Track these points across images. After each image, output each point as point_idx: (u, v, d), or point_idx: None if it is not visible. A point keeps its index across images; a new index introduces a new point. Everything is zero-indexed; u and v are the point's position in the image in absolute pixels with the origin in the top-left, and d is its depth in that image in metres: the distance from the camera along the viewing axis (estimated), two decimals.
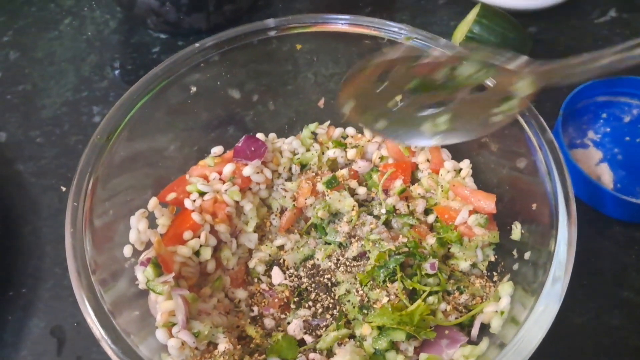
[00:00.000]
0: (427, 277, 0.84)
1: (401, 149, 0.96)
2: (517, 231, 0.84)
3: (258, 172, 0.92)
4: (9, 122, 1.17)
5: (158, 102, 0.88)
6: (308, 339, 0.84)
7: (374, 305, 0.82)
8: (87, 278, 0.71)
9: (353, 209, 0.91)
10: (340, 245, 0.90)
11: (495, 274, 0.87)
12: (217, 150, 0.95)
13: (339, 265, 0.88)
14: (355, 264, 0.88)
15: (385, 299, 0.81)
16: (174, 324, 0.77)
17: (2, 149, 1.13)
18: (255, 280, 0.91)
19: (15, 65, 1.25)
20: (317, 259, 0.90)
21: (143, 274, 0.79)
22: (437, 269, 0.84)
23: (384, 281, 0.83)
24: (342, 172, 0.95)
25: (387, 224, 0.93)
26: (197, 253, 0.86)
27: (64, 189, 1.08)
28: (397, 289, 0.82)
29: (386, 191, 0.95)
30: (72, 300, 0.95)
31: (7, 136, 1.15)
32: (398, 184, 0.94)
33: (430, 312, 0.81)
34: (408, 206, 0.94)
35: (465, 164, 0.94)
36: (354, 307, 0.84)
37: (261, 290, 0.89)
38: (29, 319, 0.96)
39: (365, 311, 0.82)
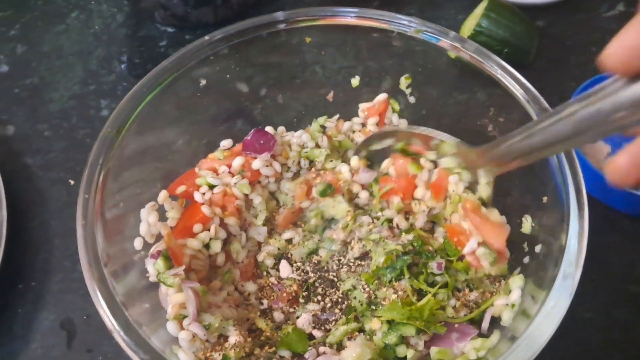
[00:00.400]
0: (433, 275, 0.84)
1: (409, 168, 0.93)
2: (527, 224, 0.84)
3: (267, 166, 0.92)
4: (17, 115, 1.17)
5: (167, 95, 0.88)
6: (317, 333, 0.84)
7: (383, 302, 0.82)
8: (98, 270, 0.71)
9: (347, 214, 0.91)
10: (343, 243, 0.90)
11: None
12: (226, 143, 0.95)
13: (341, 265, 0.88)
14: (359, 263, 0.88)
15: (393, 296, 0.81)
16: (184, 317, 0.77)
17: (10, 142, 1.14)
18: (264, 273, 0.91)
19: (23, 58, 1.25)
20: (321, 256, 0.90)
21: (154, 267, 0.79)
22: (444, 269, 0.84)
23: (390, 281, 0.83)
24: (346, 176, 0.95)
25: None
26: (207, 246, 0.87)
27: (72, 182, 1.08)
28: (404, 287, 0.82)
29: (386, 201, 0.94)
30: (81, 293, 0.97)
31: (15, 130, 1.15)
32: (396, 200, 0.91)
33: (440, 307, 0.81)
34: (407, 218, 0.92)
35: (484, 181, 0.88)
36: (361, 305, 0.84)
37: (270, 284, 0.89)
38: (38, 312, 0.96)
39: (374, 307, 0.82)
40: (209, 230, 0.86)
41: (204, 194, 0.88)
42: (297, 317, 0.86)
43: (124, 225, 0.82)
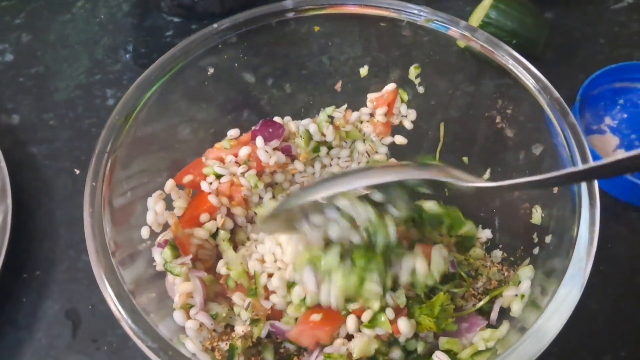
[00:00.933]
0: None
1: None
2: (537, 215, 0.83)
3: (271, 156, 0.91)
4: (22, 104, 1.17)
5: (175, 83, 0.87)
6: None
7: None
8: (106, 258, 0.71)
9: None
10: None
11: (512, 258, 0.87)
12: (233, 133, 0.94)
13: None
14: None
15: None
16: (191, 306, 0.77)
17: (15, 131, 1.13)
18: None
19: (28, 47, 1.25)
20: None
21: (161, 256, 0.79)
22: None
23: None
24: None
25: None
26: (213, 236, 0.86)
27: (77, 171, 1.08)
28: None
29: None
30: (86, 282, 0.96)
31: (20, 119, 1.15)
32: None
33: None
34: None
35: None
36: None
37: None
38: (43, 302, 0.96)
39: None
40: (215, 219, 0.86)
41: (210, 183, 0.87)
42: None
43: (131, 214, 0.81)
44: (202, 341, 0.75)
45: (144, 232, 0.80)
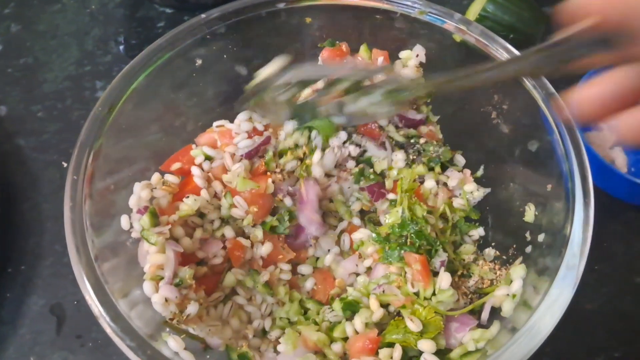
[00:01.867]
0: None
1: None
2: (530, 213, 0.81)
3: None
4: (10, 95, 1.15)
5: (162, 74, 0.85)
6: None
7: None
8: (86, 254, 0.69)
9: None
10: None
11: (505, 257, 0.85)
12: (220, 122, 0.92)
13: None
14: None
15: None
16: (161, 278, 0.74)
17: (3, 123, 1.11)
18: None
19: (17, 38, 1.23)
20: None
21: (139, 222, 0.76)
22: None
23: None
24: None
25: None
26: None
27: (65, 164, 1.06)
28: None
29: None
30: (72, 278, 0.92)
31: (8, 110, 1.13)
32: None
33: None
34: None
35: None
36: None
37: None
38: (28, 297, 0.94)
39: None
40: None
41: (200, 166, 0.86)
42: None
43: (114, 209, 0.79)
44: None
45: (124, 222, 0.78)
